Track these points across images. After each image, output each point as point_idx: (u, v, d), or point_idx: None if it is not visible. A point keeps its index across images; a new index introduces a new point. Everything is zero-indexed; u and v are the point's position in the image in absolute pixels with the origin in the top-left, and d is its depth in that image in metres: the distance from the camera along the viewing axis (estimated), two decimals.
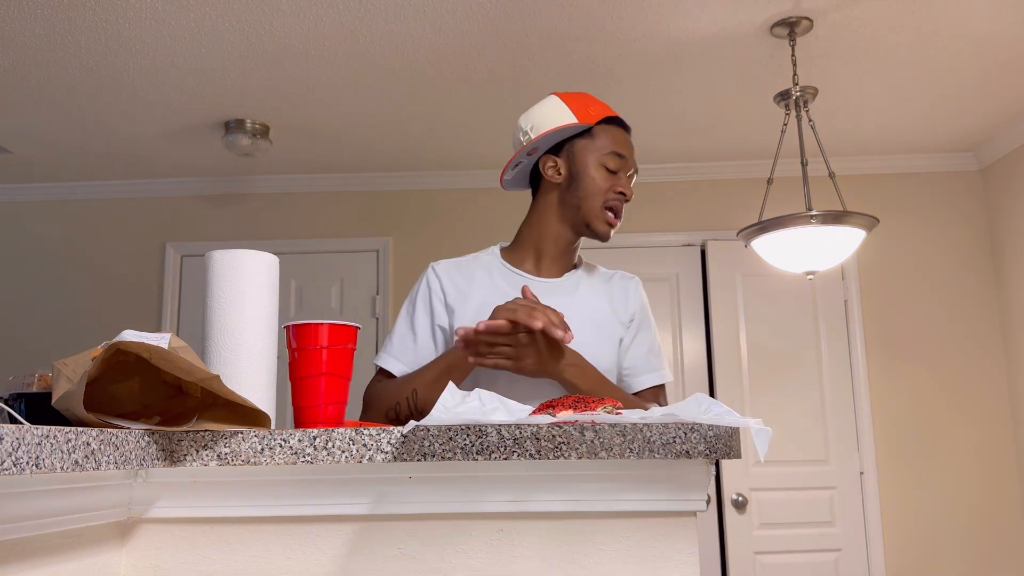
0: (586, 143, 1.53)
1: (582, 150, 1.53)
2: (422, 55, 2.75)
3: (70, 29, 2.54)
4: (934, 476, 3.58)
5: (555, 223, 1.56)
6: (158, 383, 1.00)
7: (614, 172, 1.51)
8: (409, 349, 1.56)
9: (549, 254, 1.57)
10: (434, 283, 1.57)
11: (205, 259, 1.10)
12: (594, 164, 1.51)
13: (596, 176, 1.51)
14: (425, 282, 1.58)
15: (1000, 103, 3.24)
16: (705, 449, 0.92)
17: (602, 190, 1.51)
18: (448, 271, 1.58)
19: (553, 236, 1.56)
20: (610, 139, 1.52)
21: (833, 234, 2.47)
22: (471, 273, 1.57)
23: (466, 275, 1.57)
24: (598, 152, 1.52)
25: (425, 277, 1.59)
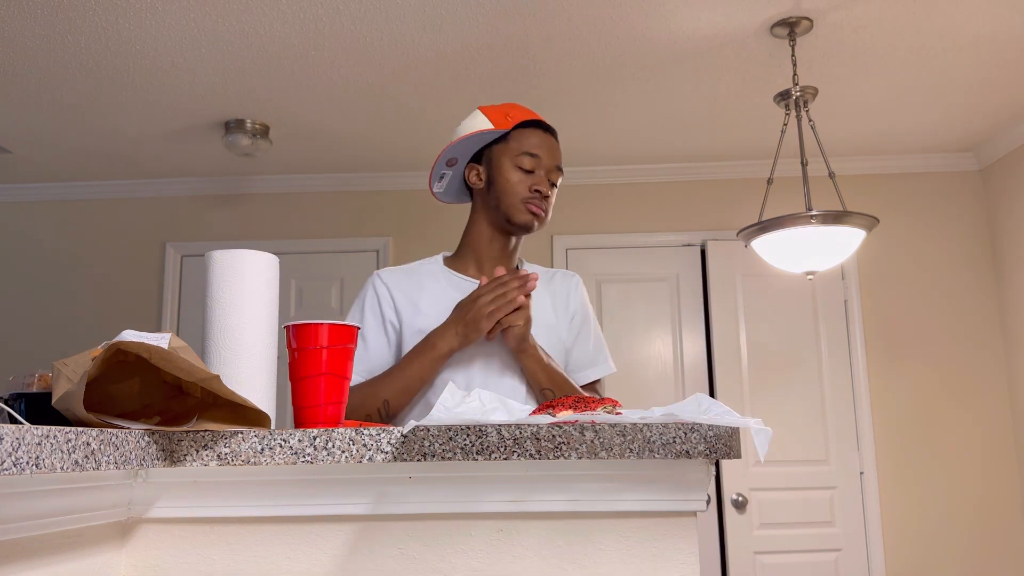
0: (502, 147, 1.60)
1: (498, 154, 1.60)
2: (422, 55, 2.75)
3: (70, 29, 2.54)
4: (934, 476, 3.58)
5: (485, 227, 1.63)
6: (158, 383, 1.00)
7: (529, 171, 1.56)
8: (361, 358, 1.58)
9: (488, 258, 1.63)
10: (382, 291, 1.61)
11: (205, 259, 1.10)
12: (508, 165, 1.58)
13: (510, 176, 1.57)
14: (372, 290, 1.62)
15: (1000, 103, 3.24)
16: (705, 449, 0.92)
17: (516, 188, 1.56)
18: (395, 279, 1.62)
19: (487, 240, 1.63)
20: (524, 141, 1.58)
21: (833, 234, 2.47)
22: (419, 281, 1.62)
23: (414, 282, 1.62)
24: (511, 153, 1.58)
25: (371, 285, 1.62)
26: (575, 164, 3.85)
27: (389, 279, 1.62)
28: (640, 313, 3.80)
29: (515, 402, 1.04)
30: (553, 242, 3.87)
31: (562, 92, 3.05)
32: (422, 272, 1.64)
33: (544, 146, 1.59)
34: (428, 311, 1.56)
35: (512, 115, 1.62)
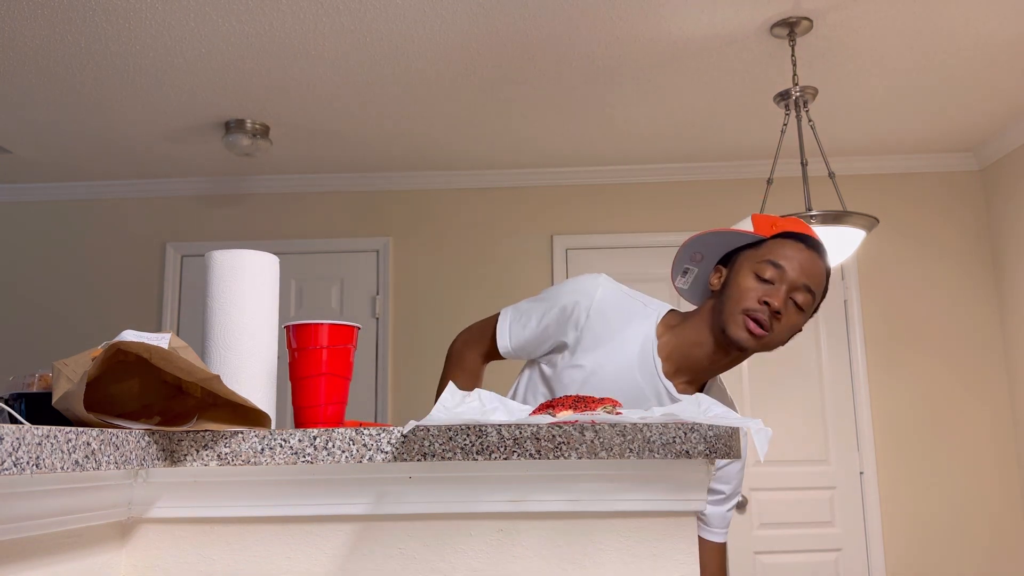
0: (751, 253, 1.43)
1: (743, 259, 1.43)
2: (422, 55, 2.75)
3: (70, 29, 2.54)
4: (934, 476, 3.58)
5: (702, 328, 1.44)
6: (158, 383, 1.00)
7: (767, 281, 1.38)
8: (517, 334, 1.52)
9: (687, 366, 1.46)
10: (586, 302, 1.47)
11: (205, 259, 1.10)
12: (747, 270, 1.41)
13: (744, 282, 1.39)
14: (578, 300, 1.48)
15: (1000, 103, 3.24)
16: (705, 449, 0.92)
17: (743, 296, 1.38)
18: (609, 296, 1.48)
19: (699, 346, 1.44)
20: (776, 250, 1.40)
21: (833, 234, 2.47)
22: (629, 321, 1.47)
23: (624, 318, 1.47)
24: (755, 260, 1.41)
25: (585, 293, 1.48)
26: (575, 164, 3.85)
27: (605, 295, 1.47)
28: None
29: (515, 402, 1.04)
30: (553, 242, 3.87)
31: (562, 92, 3.05)
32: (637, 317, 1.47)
33: (796, 259, 1.39)
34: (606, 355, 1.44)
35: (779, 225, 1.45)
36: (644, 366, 1.44)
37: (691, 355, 1.44)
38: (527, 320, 1.52)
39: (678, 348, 1.45)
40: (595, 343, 1.45)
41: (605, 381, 1.43)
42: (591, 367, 1.44)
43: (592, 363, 1.44)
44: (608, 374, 1.44)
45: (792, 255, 1.39)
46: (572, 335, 1.46)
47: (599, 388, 1.42)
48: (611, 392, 1.39)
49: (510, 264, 3.80)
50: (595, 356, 1.45)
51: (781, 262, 1.38)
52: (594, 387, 1.43)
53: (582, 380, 1.45)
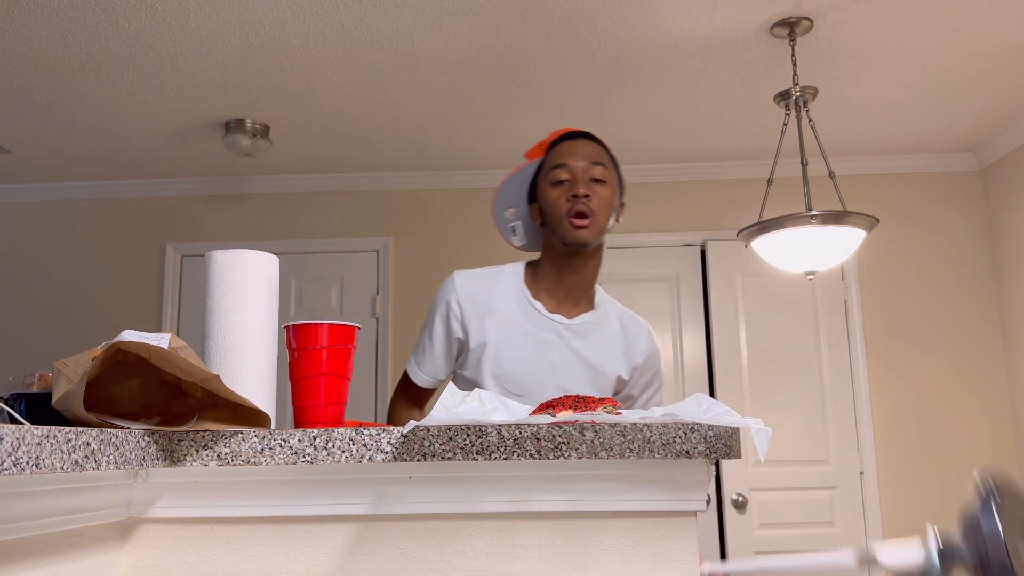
0: (541, 176, 1.58)
1: (540, 183, 1.58)
2: (422, 55, 2.75)
3: (70, 29, 2.54)
4: (934, 476, 3.58)
5: (552, 258, 1.58)
6: (158, 383, 1.00)
7: (563, 182, 1.53)
8: (427, 359, 1.62)
9: (559, 290, 1.58)
10: (452, 302, 1.58)
11: (205, 259, 1.10)
12: (546, 186, 1.55)
13: (549, 196, 1.54)
14: (444, 298, 1.60)
15: (1000, 103, 3.24)
16: (705, 449, 0.92)
17: (556, 203, 1.52)
18: (471, 283, 1.59)
19: (556, 272, 1.58)
20: (553, 157, 1.56)
21: (833, 234, 2.47)
22: (492, 289, 1.58)
23: (487, 291, 1.58)
24: (546, 177, 1.56)
25: (444, 292, 1.60)
26: None
27: (464, 288, 1.58)
28: (640, 313, 3.77)
29: (515, 402, 1.04)
30: None
31: (562, 92, 3.05)
32: (499, 281, 1.60)
33: (571, 151, 1.54)
34: (491, 326, 1.54)
35: (546, 142, 1.59)
36: (528, 315, 1.56)
37: (559, 280, 1.57)
38: (424, 346, 1.63)
39: (545, 282, 1.58)
40: (480, 320, 1.55)
41: (510, 346, 1.54)
42: (491, 340, 1.54)
43: (489, 336, 1.54)
44: (507, 337, 1.54)
45: (566, 151, 1.55)
46: (459, 328, 1.57)
47: (509, 355, 1.53)
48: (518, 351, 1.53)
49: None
50: (486, 329, 1.55)
51: (562, 160, 1.53)
52: (506, 356, 1.54)
53: (493, 357, 1.54)
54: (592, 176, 1.53)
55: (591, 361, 1.57)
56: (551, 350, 1.55)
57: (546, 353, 1.54)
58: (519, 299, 1.58)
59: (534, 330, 1.55)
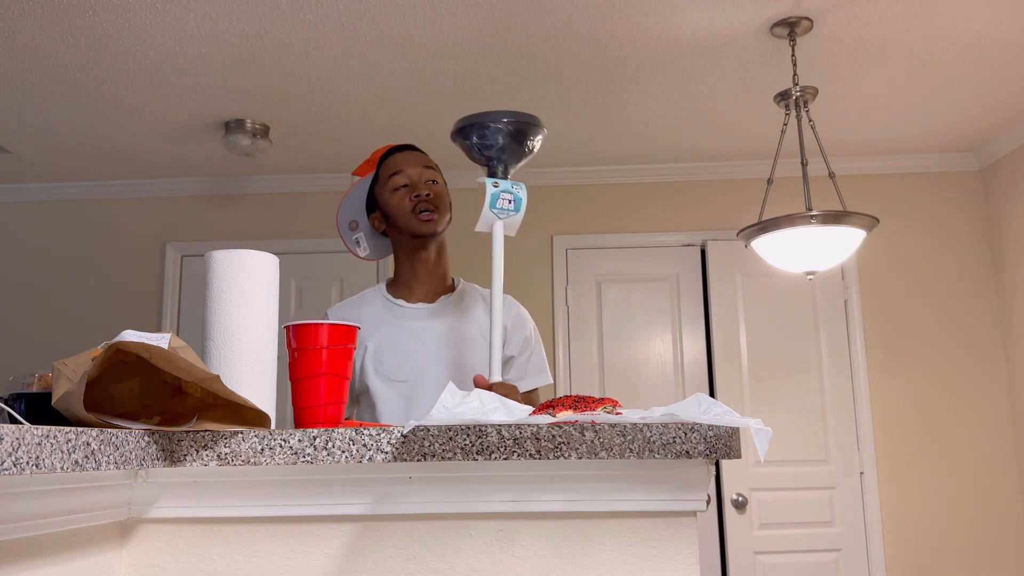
0: (379, 186, 1.77)
1: (379, 192, 1.76)
2: (422, 55, 2.75)
3: (70, 29, 2.54)
4: (934, 476, 3.58)
5: (404, 255, 1.77)
6: (158, 383, 1.00)
7: (404, 186, 1.72)
8: None
9: (416, 283, 1.77)
10: None
11: (205, 259, 1.10)
12: (388, 194, 1.73)
13: (393, 201, 1.72)
14: None
15: (1000, 103, 3.24)
16: (705, 449, 0.92)
17: (401, 207, 1.71)
18: (339, 313, 1.77)
19: (409, 266, 1.76)
20: (387, 167, 1.75)
21: (833, 234, 2.47)
22: (359, 306, 1.77)
23: (355, 310, 1.76)
24: (384, 184, 1.74)
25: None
26: (575, 164, 3.84)
27: (335, 315, 1.77)
28: (640, 313, 3.80)
29: (514, 402, 1.04)
30: (553, 242, 3.87)
31: (562, 92, 3.05)
32: (364, 300, 1.79)
33: (404, 160, 1.75)
34: (364, 336, 1.68)
35: (373, 158, 1.80)
36: (393, 312, 1.74)
37: (414, 273, 1.76)
38: None
39: (403, 281, 1.77)
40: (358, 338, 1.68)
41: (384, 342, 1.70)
42: (368, 346, 1.69)
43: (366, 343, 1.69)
44: (381, 338, 1.70)
45: (399, 161, 1.75)
46: None
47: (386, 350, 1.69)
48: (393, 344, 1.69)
49: (510, 264, 3.76)
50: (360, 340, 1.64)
51: (399, 169, 1.74)
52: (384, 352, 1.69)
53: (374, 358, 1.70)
54: (428, 178, 1.73)
55: (463, 331, 1.73)
56: (422, 333, 1.72)
57: (418, 337, 1.71)
58: (383, 304, 1.76)
59: (403, 322, 1.72)
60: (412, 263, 1.76)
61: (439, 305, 1.76)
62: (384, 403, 1.68)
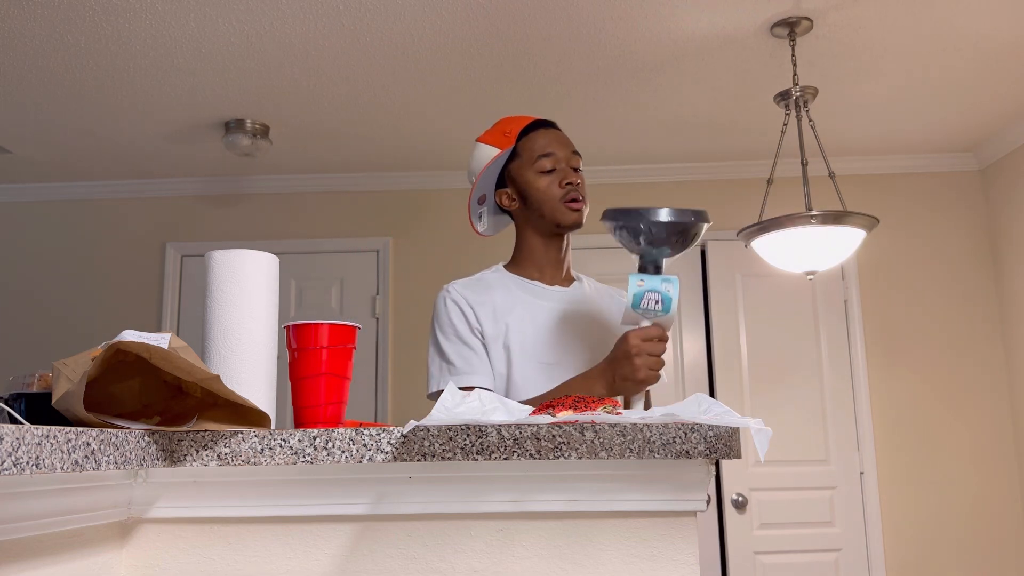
0: (518, 164, 1.64)
1: (518, 170, 1.64)
2: (422, 55, 2.75)
3: (70, 29, 2.54)
4: (934, 476, 3.58)
5: (537, 239, 1.66)
6: (158, 383, 1.00)
7: (551, 171, 1.61)
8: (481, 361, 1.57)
9: (548, 265, 1.66)
10: (462, 303, 1.60)
11: (205, 259, 1.10)
12: (532, 176, 1.62)
13: (539, 184, 1.61)
14: (453, 304, 1.61)
15: (1000, 103, 3.24)
16: (705, 449, 0.92)
17: (550, 192, 1.60)
18: (467, 290, 1.63)
19: (542, 248, 1.66)
20: (533, 146, 1.63)
21: (833, 234, 2.47)
22: (488, 285, 1.64)
23: (483, 288, 1.63)
24: (529, 164, 1.62)
25: (448, 301, 1.62)
26: None
27: (462, 292, 1.62)
28: None
29: (514, 402, 1.04)
30: None
31: (562, 92, 3.05)
32: (489, 280, 1.66)
33: (552, 140, 1.64)
34: (502, 313, 1.59)
35: (509, 130, 1.67)
36: (531, 292, 1.64)
37: (547, 258, 1.66)
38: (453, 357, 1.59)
39: (533, 263, 1.66)
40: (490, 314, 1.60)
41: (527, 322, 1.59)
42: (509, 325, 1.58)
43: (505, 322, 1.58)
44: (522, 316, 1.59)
45: (547, 140, 1.64)
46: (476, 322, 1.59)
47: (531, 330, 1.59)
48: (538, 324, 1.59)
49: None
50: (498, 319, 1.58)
51: (548, 150, 1.62)
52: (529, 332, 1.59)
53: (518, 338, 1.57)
54: (575, 165, 1.63)
55: (602, 319, 1.65)
56: (564, 315, 1.63)
57: (561, 318, 1.62)
58: (517, 283, 1.65)
59: (542, 302, 1.62)
60: (547, 247, 1.66)
61: (574, 290, 1.68)
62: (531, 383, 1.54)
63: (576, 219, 1.60)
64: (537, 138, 1.64)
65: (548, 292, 1.64)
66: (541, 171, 1.61)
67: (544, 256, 1.66)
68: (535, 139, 1.64)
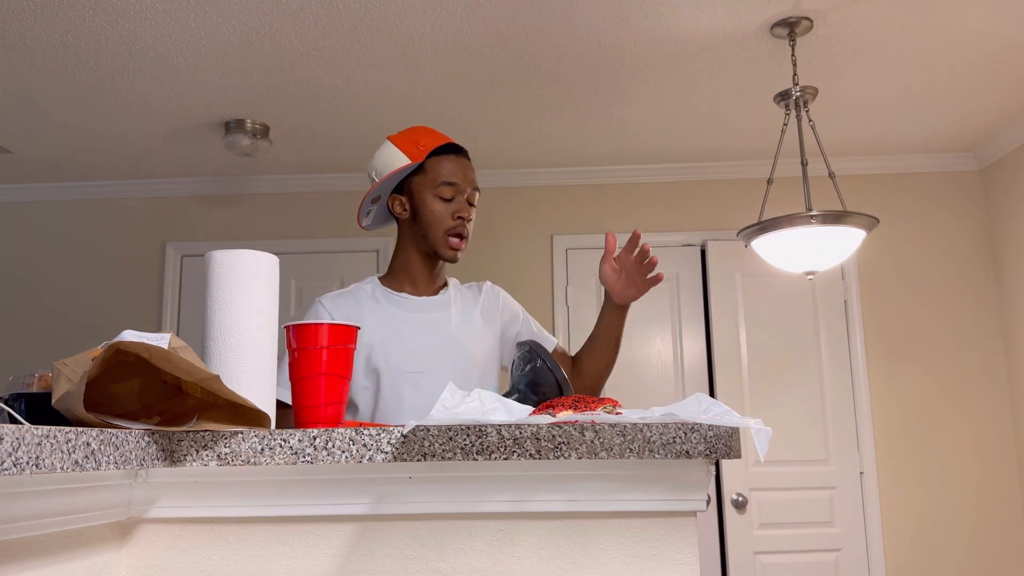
0: (420, 179, 1.67)
1: (418, 186, 1.67)
2: (422, 55, 2.75)
3: (70, 29, 2.54)
4: (934, 476, 3.58)
5: (414, 253, 1.71)
6: (158, 383, 1.00)
7: (449, 199, 1.65)
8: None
9: (421, 277, 1.73)
10: (324, 316, 1.67)
11: (205, 259, 1.10)
12: (430, 198, 1.66)
13: (433, 208, 1.65)
14: (315, 316, 1.68)
15: (1000, 103, 3.24)
16: (705, 449, 0.92)
17: (441, 220, 1.65)
18: (335, 302, 1.69)
19: (418, 263, 1.72)
20: (440, 170, 1.66)
21: (833, 234, 2.47)
22: (358, 301, 1.69)
23: (354, 303, 1.69)
24: (431, 186, 1.66)
25: (313, 311, 1.69)
26: (575, 164, 3.85)
27: (331, 303, 1.68)
28: (640, 313, 3.80)
29: (514, 402, 1.04)
30: (553, 242, 3.87)
31: (562, 92, 3.05)
32: (360, 293, 1.72)
33: (460, 172, 1.67)
34: (370, 328, 1.64)
35: (423, 143, 1.69)
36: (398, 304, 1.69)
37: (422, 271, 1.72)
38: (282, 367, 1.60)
39: (408, 273, 1.72)
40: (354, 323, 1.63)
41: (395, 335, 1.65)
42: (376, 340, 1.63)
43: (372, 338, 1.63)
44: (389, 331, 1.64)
45: (454, 169, 1.67)
46: None
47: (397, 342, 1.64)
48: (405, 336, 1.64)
49: (510, 264, 3.80)
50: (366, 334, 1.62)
51: (453, 180, 1.65)
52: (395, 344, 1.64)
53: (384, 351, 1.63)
54: (472, 200, 1.69)
55: (470, 322, 1.72)
56: (433, 324, 1.69)
57: (430, 328, 1.68)
58: (386, 296, 1.71)
59: (409, 314, 1.69)
60: (424, 263, 1.72)
61: (443, 297, 1.74)
62: (401, 396, 1.61)
63: (452, 256, 1.67)
64: (446, 163, 1.67)
65: (416, 303, 1.70)
66: (440, 197, 1.65)
67: (419, 271, 1.72)
68: (444, 163, 1.67)
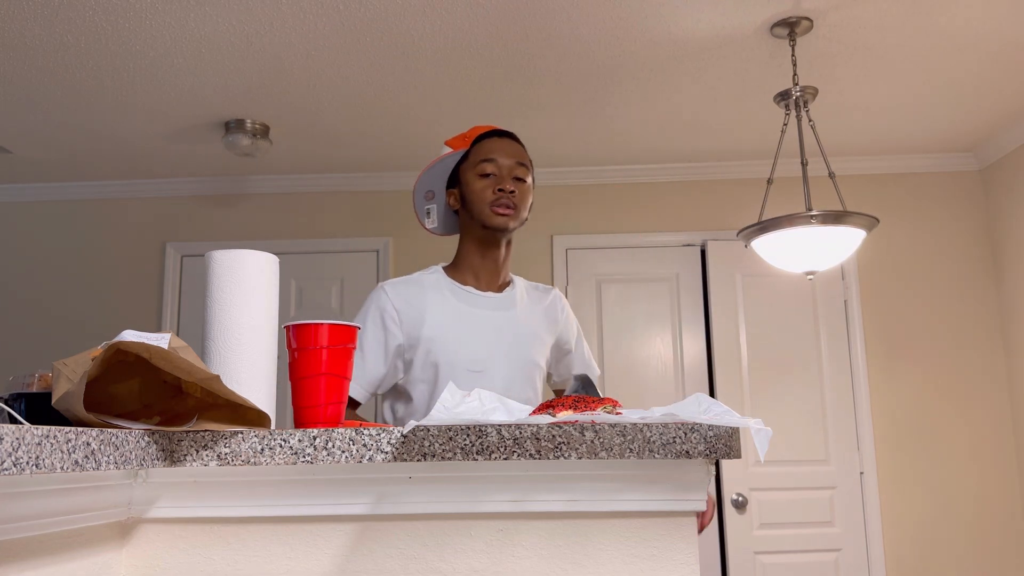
0: (466, 166, 1.72)
1: (464, 173, 1.72)
2: (423, 55, 2.75)
3: (70, 29, 2.54)
4: (934, 476, 3.58)
5: (471, 242, 1.73)
6: (158, 383, 1.00)
7: (489, 175, 1.68)
8: (358, 372, 1.63)
9: (483, 270, 1.74)
10: (387, 304, 1.67)
11: (205, 259, 1.10)
12: (472, 177, 1.69)
13: (475, 186, 1.68)
14: (377, 304, 1.67)
15: (1000, 103, 3.24)
16: (705, 449, 0.92)
17: (482, 195, 1.67)
18: (398, 289, 1.69)
19: (477, 255, 1.73)
20: (480, 151, 1.70)
21: (833, 234, 2.47)
22: (422, 291, 1.70)
23: (418, 291, 1.69)
24: (472, 166, 1.70)
25: (377, 298, 1.68)
26: (575, 164, 3.85)
27: (395, 291, 1.68)
28: (640, 313, 3.80)
29: (515, 402, 1.04)
30: (553, 242, 3.87)
31: (562, 92, 3.05)
32: (425, 283, 1.71)
33: (499, 148, 1.70)
34: (432, 321, 1.65)
35: (470, 135, 1.74)
36: (462, 298, 1.70)
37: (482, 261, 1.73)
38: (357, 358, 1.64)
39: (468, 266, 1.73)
40: (419, 319, 1.65)
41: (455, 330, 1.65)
42: (437, 333, 1.64)
43: (434, 330, 1.64)
44: (451, 324, 1.65)
45: (495, 147, 1.70)
46: (398, 331, 1.65)
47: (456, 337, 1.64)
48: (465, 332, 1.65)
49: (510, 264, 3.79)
50: (428, 325, 1.64)
51: (491, 156, 1.68)
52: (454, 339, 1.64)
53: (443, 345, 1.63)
54: (516, 175, 1.69)
55: (532, 325, 1.73)
56: (496, 322, 1.69)
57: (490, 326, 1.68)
58: (451, 288, 1.71)
59: (473, 310, 1.69)
60: (483, 252, 1.72)
61: (507, 296, 1.74)
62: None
63: (500, 223, 1.66)
64: (488, 143, 1.71)
65: (480, 299, 1.71)
66: (480, 174, 1.67)
67: (481, 262, 1.73)
68: (485, 144, 1.71)
